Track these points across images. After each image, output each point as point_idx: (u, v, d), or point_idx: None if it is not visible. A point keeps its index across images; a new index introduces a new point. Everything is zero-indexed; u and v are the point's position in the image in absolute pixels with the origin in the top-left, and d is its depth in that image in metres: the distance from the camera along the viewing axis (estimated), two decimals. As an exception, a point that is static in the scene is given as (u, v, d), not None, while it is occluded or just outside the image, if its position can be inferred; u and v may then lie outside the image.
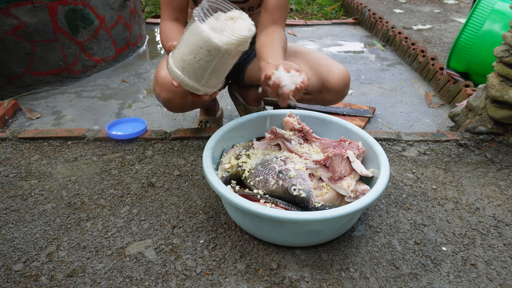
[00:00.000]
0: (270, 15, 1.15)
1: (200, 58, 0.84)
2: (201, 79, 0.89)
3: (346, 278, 0.87)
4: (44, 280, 0.86)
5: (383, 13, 3.48)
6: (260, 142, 1.17)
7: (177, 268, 0.89)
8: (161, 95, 1.16)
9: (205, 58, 0.84)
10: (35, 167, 1.26)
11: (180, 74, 0.88)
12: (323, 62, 1.24)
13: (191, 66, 0.86)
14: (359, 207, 0.82)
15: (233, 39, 0.81)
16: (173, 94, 1.14)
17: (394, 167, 1.27)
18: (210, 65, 0.85)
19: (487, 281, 0.87)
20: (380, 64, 2.37)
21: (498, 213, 1.07)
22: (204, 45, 0.82)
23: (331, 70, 1.21)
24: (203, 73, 0.87)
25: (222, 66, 0.87)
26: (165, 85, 1.13)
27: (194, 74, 0.88)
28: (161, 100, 1.19)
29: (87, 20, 2.03)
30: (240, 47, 0.84)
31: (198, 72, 0.87)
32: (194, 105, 1.28)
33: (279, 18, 1.16)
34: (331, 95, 1.23)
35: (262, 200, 0.90)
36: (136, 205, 1.09)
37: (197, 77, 0.88)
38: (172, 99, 1.16)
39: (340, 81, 1.20)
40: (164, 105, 1.21)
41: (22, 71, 1.88)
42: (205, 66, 0.86)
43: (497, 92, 1.30)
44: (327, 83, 1.20)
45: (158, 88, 1.16)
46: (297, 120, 1.16)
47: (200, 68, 0.86)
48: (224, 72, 0.91)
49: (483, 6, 1.73)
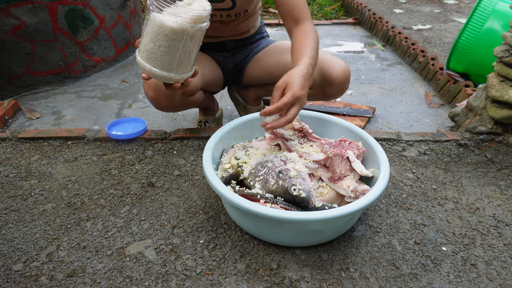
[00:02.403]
0: (291, 18, 1.12)
1: (160, 45, 0.84)
2: (166, 66, 0.89)
3: (346, 278, 0.87)
4: (44, 280, 0.86)
5: (383, 13, 3.48)
6: (260, 142, 1.16)
7: (177, 268, 0.89)
8: (149, 94, 1.17)
9: (165, 43, 0.84)
10: (35, 167, 1.26)
11: (146, 65, 0.88)
12: (323, 57, 1.25)
13: (154, 55, 0.86)
14: (359, 207, 0.82)
15: (187, 18, 0.81)
16: (159, 93, 1.14)
17: (394, 167, 1.27)
18: (171, 50, 0.85)
19: (487, 281, 0.87)
20: (380, 64, 2.37)
21: (498, 213, 1.08)
22: (161, 31, 0.82)
23: (331, 65, 1.23)
24: (167, 59, 0.87)
25: (185, 49, 0.87)
26: (151, 83, 1.13)
27: (159, 62, 0.88)
28: (149, 99, 1.19)
29: (87, 20, 2.03)
30: (196, 26, 0.83)
31: (162, 59, 0.87)
32: (184, 104, 1.26)
33: (300, 13, 1.11)
34: (332, 89, 1.25)
35: (262, 200, 0.90)
36: (136, 205, 1.09)
37: (162, 65, 0.88)
38: (157, 98, 1.16)
39: (341, 75, 1.22)
40: (152, 104, 1.21)
41: (22, 71, 1.88)
42: (167, 52, 0.86)
43: (497, 92, 1.30)
44: (328, 77, 1.22)
45: (146, 87, 1.16)
46: (297, 120, 1.16)
47: (162, 54, 0.86)
48: (189, 56, 0.90)
49: (484, 6, 1.73)
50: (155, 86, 1.13)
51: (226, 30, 1.31)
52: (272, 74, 1.36)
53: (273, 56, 1.35)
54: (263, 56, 1.38)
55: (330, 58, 1.25)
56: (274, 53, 1.36)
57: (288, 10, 1.12)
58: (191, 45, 0.88)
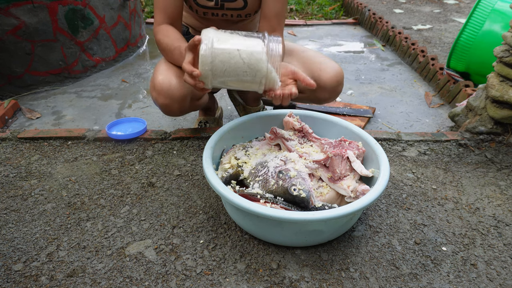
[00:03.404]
0: (268, 23, 1.16)
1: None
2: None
3: (346, 278, 0.87)
4: (44, 280, 0.86)
5: (383, 13, 3.48)
6: (260, 142, 1.16)
7: (177, 268, 0.89)
8: (159, 101, 1.14)
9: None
10: (35, 167, 1.26)
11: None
12: (316, 60, 1.25)
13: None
14: (359, 207, 0.82)
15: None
16: (171, 100, 1.13)
17: (394, 167, 1.27)
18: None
19: (487, 281, 0.87)
20: (380, 64, 2.37)
21: (498, 213, 1.07)
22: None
23: (323, 68, 1.22)
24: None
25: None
26: (162, 91, 1.11)
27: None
28: (159, 105, 1.17)
29: (87, 20, 2.03)
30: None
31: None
32: (192, 108, 1.27)
33: (277, 25, 1.16)
34: (324, 93, 1.24)
35: (262, 200, 0.90)
36: (136, 205, 1.09)
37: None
38: (169, 105, 1.14)
39: (332, 79, 1.21)
40: (162, 110, 1.20)
41: (22, 71, 1.88)
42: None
43: (497, 92, 1.30)
44: (319, 81, 1.21)
45: (155, 94, 1.14)
46: (297, 120, 1.16)
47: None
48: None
49: (483, 6, 1.73)
50: (167, 93, 1.11)
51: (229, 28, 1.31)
52: None
53: None
54: None
55: (323, 61, 1.24)
56: None
57: (270, 16, 1.15)
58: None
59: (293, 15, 3.58)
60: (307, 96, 1.29)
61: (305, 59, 1.26)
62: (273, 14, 1.15)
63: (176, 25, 1.17)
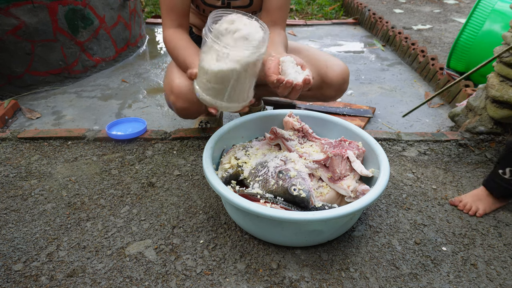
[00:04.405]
0: (270, 16, 1.16)
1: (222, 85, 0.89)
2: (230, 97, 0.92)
3: (346, 278, 0.87)
4: (44, 280, 0.86)
5: (383, 13, 3.48)
6: (260, 142, 1.16)
7: (177, 268, 0.89)
8: (177, 104, 1.14)
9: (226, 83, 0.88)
10: (35, 167, 1.26)
11: (211, 100, 0.92)
12: (322, 58, 1.25)
13: (216, 91, 0.91)
14: (359, 207, 0.82)
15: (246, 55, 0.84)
16: (190, 103, 1.13)
17: (394, 167, 1.27)
18: (229, 85, 0.89)
19: (487, 281, 0.87)
20: (380, 64, 2.37)
21: (498, 213, 1.07)
22: (217, 76, 0.86)
23: (330, 66, 1.22)
24: (230, 92, 0.91)
25: (242, 81, 0.90)
26: (181, 94, 1.11)
27: (222, 95, 0.91)
28: (176, 109, 1.17)
29: (87, 20, 2.03)
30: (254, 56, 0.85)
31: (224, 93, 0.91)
32: (206, 110, 1.28)
33: (279, 19, 1.16)
34: (331, 90, 1.24)
35: (262, 200, 0.90)
36: (136, 205, 1.09)
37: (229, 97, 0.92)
38: (188, 108, 1.14)
39: (339, 76, 1.21)
40: (178, 113, 1.19)
41: (22, 71, 1.88)
42: (226, 88, 0.89)
43: (497, 92, 1.30)
44: (326, 79, 1.21)
45: (173, 97, 1.13)
46: (297, 120, 1.16)
47: (224, 90, 0.90)
48: (249, 83, 0.93)
49: (483, 6, 1.73)
50: (186, 97, 1.11)
51: None
52: None
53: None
54: None
55: (328, 58, 1.24)
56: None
57: (272, 8, 1.14)
58: (249, 75, 0.90)
59: (293, 15, 3.58)
60: (314, 94, 1.29)
61: (311, 57, 1.26)
62: (276, 7, 1.14)
63: (184, 24, 1.17)
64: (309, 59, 1.26)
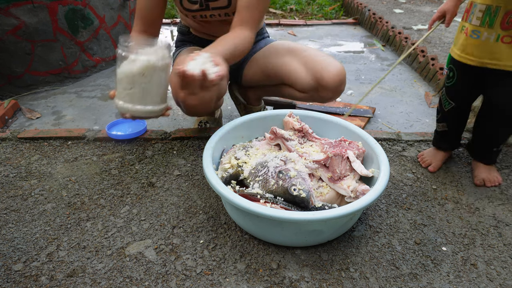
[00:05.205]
0: (239, 15, 1.12)
1: (131, 86, 1.00)
2: (143, 99, 1.02)
3: (346, 278, 0.87)
4: (44, 280, 0.86)
5: (383, 13, 3.48)
6: (260, 142, 1.16)
7: (177, 268, 0.89)
8: (188, 101, 1.09)
9: (133, 83, 0.99)
10: (35, 167, 1.26)
11: (127, 104, 1.01)
12: (317, 59, 1.23)
13: (130, 96, 1.00)
14: (359, 207, 0.83)
15: (138, 62, 0.96)
16: (200, 101, 1.08)
17: (394, 167, 1.27)
18: (137, 85, 0.99)
19: (487, 281, 0.87)
20: (380, 64, 2.37)
21: (498, 213, 1.08)
22: (125, 76, 0.98)
23: (325, 67, 1.20)
24: (141, 94, 1.00)
25: (152, 82, 1.00)
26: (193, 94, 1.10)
27: (135, 98, 1.01)
28: (186, 106, 1.12)
29: (87, 20, 2.03)
30: (149, 65, 0.97)
31: (137, 97, 1.01)
32: (215, 107, 1.27)
33: (247, 19, 1.12)
34: (327, 92, 1.23)
35: (262, 200, 0.90)
36: (136, 205, 1.09)
37: (142, 98, 1.01)
38: (198, 105, 1.10)
39: (335, 78, 1.19)
40: (187, 111, 1.16)
41: (22, 71, 1.88)
42: (135, 90, 1.00)
43: (497, 92, 1.30)
44: (321, 81, 1.20)
45: (182, 95, 1.09)
46: (297, 120, 1.16)
47: (134, 92, 1.00)
48: (156, 87, 1.02)
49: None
50: (198, 96, 1.07)
51: (227, 30, 1.31)
52: (268, 77, 1.35)
53: (269, 57, 1.34)
54: (260, 57, 1.37)
55: (324, 59, 1.22)
56: (270, 54, 1.34)
57: (240, 7, 1.12)
58: (156, 78, 1.01)
59: (293, 15, 3.58)
60: (310, 96, 1.28)
61: (307, 59, 1.25)
62: (243, 5, 1.11)
63: (149, 31, 1.20)
64: (305, 61, 1.25)
